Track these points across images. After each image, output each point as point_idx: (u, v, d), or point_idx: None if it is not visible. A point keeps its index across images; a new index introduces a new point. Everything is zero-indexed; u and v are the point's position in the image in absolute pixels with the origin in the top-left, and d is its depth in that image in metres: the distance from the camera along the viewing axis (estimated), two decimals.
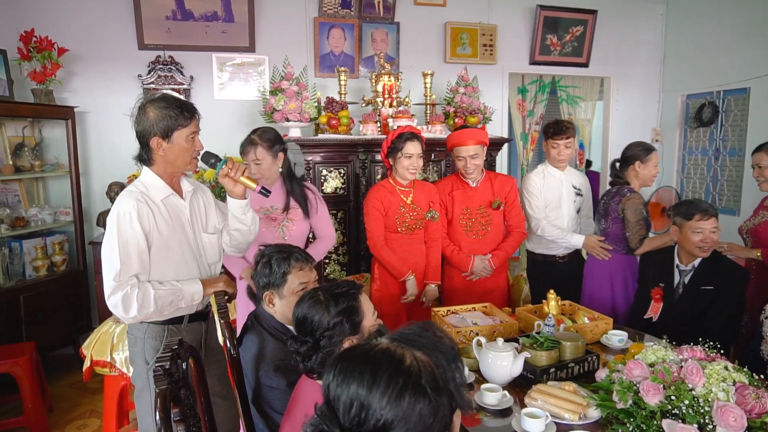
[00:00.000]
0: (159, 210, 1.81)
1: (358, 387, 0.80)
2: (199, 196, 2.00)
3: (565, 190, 3.05)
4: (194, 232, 1.92)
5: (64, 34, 3.79)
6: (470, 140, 2.76)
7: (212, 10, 4.12)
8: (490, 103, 4.32)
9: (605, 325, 2.22)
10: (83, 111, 3.95)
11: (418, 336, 0.88)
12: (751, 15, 4.49)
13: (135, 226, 1.73)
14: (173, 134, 1.79)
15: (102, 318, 3.56)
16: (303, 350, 1.41)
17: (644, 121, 5.51)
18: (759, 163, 2.76)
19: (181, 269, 1.86)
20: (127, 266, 1.71)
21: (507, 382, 1.79)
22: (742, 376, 1.44)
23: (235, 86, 4.32)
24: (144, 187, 1.83)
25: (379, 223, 2.72)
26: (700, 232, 2.33)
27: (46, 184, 3.96)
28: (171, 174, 1.88)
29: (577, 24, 5.02)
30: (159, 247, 1.80)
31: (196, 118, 1.85)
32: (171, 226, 1.83)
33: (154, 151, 1.82)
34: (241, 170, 1.88)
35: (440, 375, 0.83)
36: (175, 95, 1.88)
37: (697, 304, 2.34)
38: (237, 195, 1.92)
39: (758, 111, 4.49)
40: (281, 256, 1.81)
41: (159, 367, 1.29)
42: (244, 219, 1.97)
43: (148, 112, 1.79)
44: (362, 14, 4.49)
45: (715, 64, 4.85)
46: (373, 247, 2.75)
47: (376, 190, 2.78)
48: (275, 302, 1.80)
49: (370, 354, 0.85)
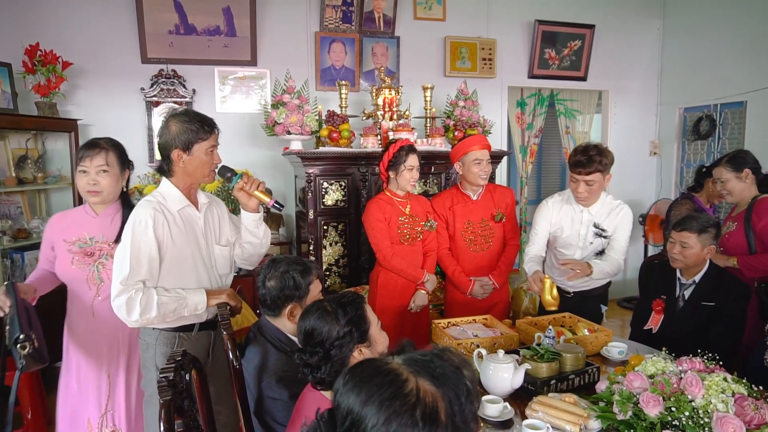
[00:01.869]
0: (174, 220, 1.88)
1: (355, 400, 0.81)
2: (213, 209, 2.07)
3: (584, 229, 2.62)
4: (207, 243, 1.99)
5: (69, 48, 3.83)
6: (480, 145, 2.77)
7: (215, 24, 4.18)
8: (490, 117, 4.36)
9: (605, 337, 2.23)
10: (86, 124, 3.98)
11: (432, 363, 0.86)
12: (747, 30, 4.55)
13: (149, 234, 1.79)
14: (193, 147, 1.87)
15: None
16: (313, 361, 1.42)
17: (642, 134, 5.56)
18: (719, 178, 2.79)
19: (192, 278, 1.92)
20: (135, 271, 1.77)
21: (508, 394, 1.80)
22: (741, 387, 1.45)
23: (236, 99, 4.37)
24: (162, 198, 1.90)
25: (385, 234, 2.74)
26: (673, 243, 2.37)
27: (49, 196, 3.98)
28: (189, 186, 1.95)
29: (574, 38, 5.09)
30: (172, 256, 1.86)
31: (216, 132, 1.94)
32: (185, 236, 1.90)
33: (174, 162, 1.89)
34: (255, 185, 1.96)
35: (444, 408, 0.81)
36: (196, 111, 1.96)
37: (697, 318, 2.34)
38: (251, 209, 2.00)
39: (755, 124, 4.54)
40: (299, 268, 1.82)
41: (163, 377, 1.30)
42: (256, 232, 2.05)
43: (170, 126, 1.87)
44: (363, 29, 4.55)
45: (712, 77, 4.91)
46: (383, 259, 2.75)
47: (375, 203, 2.79)
48: (296, 314, 1.77)
49: (378, 370, 0.84)
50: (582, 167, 2.44)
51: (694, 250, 2.32)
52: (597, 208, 2.61)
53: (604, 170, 2.46)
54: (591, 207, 2.60)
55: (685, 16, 5.22)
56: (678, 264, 2.38)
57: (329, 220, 3.68)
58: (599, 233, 2.61)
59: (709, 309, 2.31)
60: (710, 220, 2.39)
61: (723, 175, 2.76)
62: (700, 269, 2.38)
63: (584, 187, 2.49)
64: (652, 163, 5.63)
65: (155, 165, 4.15)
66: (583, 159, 2.44)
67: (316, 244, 3.65)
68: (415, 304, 2.81)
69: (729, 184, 2.75)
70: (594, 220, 2.60)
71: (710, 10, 4.92)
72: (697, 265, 2.37)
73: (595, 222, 2.60)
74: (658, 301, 2.46)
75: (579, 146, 2.55)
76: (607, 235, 2.60)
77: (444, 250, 2.92)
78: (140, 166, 4.11)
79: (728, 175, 2.74)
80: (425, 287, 2.82)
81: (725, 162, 2.76)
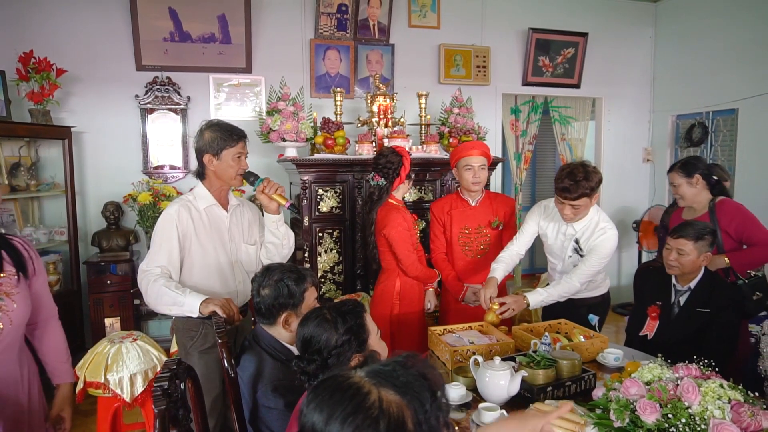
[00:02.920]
0: (200, 216, 2.14)
1: (319, 418, 0.80)
2: (244, 211, 2.30)
3: (566, 242, 2.58)
4: (232, 240, 2.20)
5: (63, 55, 3.83)
6: (478, 150, 2.78)
7: (210, 32, 4.18)
8: (484, 124, 4.38)
9: (601, 344, 2.23)
10: (80, 131, 3.97)
11: (395, 372, 0.85)
12: (738, 38, 4.60)
13: (172, 226, 2.06)
14: (222, 152, 2.11)
15: (96, 338, 3.53)
16: (311, 369, 1.41)
17: (636, 140, 5.60)
18: (673, 182, 2.88)
19: (215, 271, 2.15)
20: (156, 257, 2.04)
21: (505, 401, 1.79)
22: (737, 393, 1.45)
23: (231, 107, 4.36)
24: (193, 197, 2.17)
25: (410, 243, 2.76)
26: (669, 250, 2.38)
27: (42, 204, 3.96)
28: (219, 188, 2.19)
29: (568, 46, 5.12)
30: (197, 249, 2.11)
31: (244, 141, 2.16)
32: (209, 232, 2.14)
33: (206, 166, 2.15)
34: (274, 188, 2.14)
35: (410, 416, 0.81)
36: (227, 122, 2.18)
37: (693, 325, 2.34)
38: (272, 210, 2.21)
39: (746, 131, 4.58)
40: (293, 276, 1.81)
41: (158, 387, 1.29)
42: (276, 233, 2.26)
43: (204, 134, 2.12)
44: (357, 36, 4.56)
45: (704, 85, 4.95)
46: (412, 266, 2.74)
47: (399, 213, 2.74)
48: (291, 321, 1.78)
49: (340, 385, 0.83)
50: (568, 193, 2.36)
51: (690, 257, 2.32)
52: (582, 225, 2.51)
53: (591, 194, 2.38)
54: (577, 223, 2.52)
55: (677, 24, 5.28)
56: (674, 271, 2.39)
57: (324, 226, 3.67)
58: (577, 250, 2.55)
59: (705, 315, 2.32)
60: (707, 228, 2.40)
61: (675, 180, 2.85)
62: (695, 276, 2.39)
63: (570, 210, 2.42)
64: (646, 169, 5.67)
65: (148, 172, 4.14)
66: (569, 185, 2.35)
67: (311, 251, 3.64)
68: (432, 303, 2.90)
69: (681, 189, 2.84)
70: (576, 236, 2.54)
71: (702, 19, 4.97)
72: (693, 272, 2.38)
73: (577, 238, 2.54)
74: (654, 308, 2.47)
75: (565, 168, 2.42)
76: (583, 254, 2.52)
77: (440, 255, 2.93)
78: (135, 174, 4.10)
79: (680, 180, 2.83)
80: (433, 285, 2.90)
81: (678, 168, 2.85)
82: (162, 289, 1.97)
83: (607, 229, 2.46)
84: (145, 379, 2.62)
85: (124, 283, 3.83)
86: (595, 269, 2.44)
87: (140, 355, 2.67)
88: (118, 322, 3.82)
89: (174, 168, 4.26)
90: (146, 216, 3.92)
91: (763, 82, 4.39)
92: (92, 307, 3.79)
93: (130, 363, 2.62)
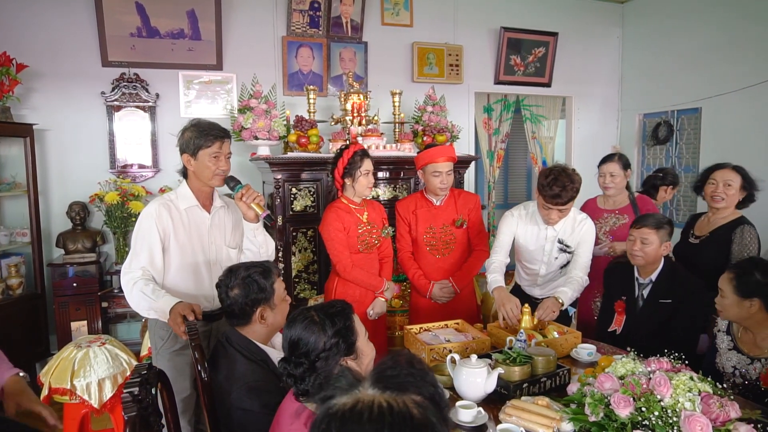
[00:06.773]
0: (180, 216, 2.12)
1: None
2: (228, 213, 2.27)
3: (549, 245, 2.63)
4: (212, 243, 2.18)
5: (24, 50, 3.69)
6: (444, 157, 2.74)
7: (179, 27, 4.09)
8: (457, 122, 4.40)
9: (574, 339, 2.26)
10: (43, 128, 3.84)
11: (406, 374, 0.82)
12: (701, 39, 4.74)
13: (152, 225, 2.04)
14: (198, 152, 2.09)
15: (61, 343, 3.42)
16: (298, 372, 1.36)
17: (604, 138, 5.70)
18: (611, 172, 2.97)
19: (191, 273, 2.13)
20: (137, 257, 2.03)
21: (481, 399, 1.80)
22: (706, 386, 1.48)
23: (201, 104, 4.28)
24: (175, 196, 2.16)
25: (344, 244, 2.67)
26: (633, 240, 2.44)
27: (2, 204, 3.81)
28: (199, 188, 2.17)
29: (539, 45, 5.19)
30: (174, 249, 2.09)
31: (221, 141, 2.11)
32: (188, 232, 2.12)
33: (186, 165, 2.14)
34: (252, 197, 2.11)
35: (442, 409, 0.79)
36: (210, 121, 2.14)
37: (657, 317, 2.39)
38: (249, 218, 2.16)
39: (709, 129, 4.72)
40: (259, 270, 1.80)
41: (128, 393, 1.25)
42: (254, 240, 2.22)
43: (185, 134, 2.12)
44: (330, 33, 4.53)
45: (669, 84, 5.08)
46: (343, 270, 2.67)
47: (333, 212, 2.68)
48: (267, 315, 1.79)
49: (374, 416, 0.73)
50: (559, 198, 2.41)
51: (653, 246, 2.39)
52: (561, 224, 2.58)
53: (576, 195, 2.46)
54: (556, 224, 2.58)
55: (644, 25, 5.41)
56: (638, 261, 2.43)
57: (298, 226, 3.64)
58: (564, 249, 2.61)
59: (668, 306, 2.37)
60: (665, 218, 2.49)
61: (615, 170, 2.96)
62: (656, 267, 2.44)
63: (557, 214, 2.49)
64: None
65: (116, 171, 4.03)
66: (558, 191, 2.40)
67: (285, 251, 3.60)
68: (374, 312, 2.75)
69: (617, 179, 2.96)
70: (558, 236, 2.60)
71: (667, 20, 5.10)
72: (654, 263, 2.43)
73: (560, 238, 2.60)
74: (620, 303, 2.51)
75: (548, 175, 2.45)
76: (571, 250, 2.60)
77: (406, 254, 2.90)
78: (101, 173, 3.98)
79: (620, 171, 2.96)
80: (384, 295, 2.76)
81: (617, 159, 3.00)
82: (139, 293, 1.96)
83: (585, 218, 2.64)
84: (114, 384, 2.55)
85: (90, 285, 3.72)
86: (590, 258, 2.62)
87: (109, 359, 2.60)
88: (85, 325, 3.71)
89: (143, 167, 4.15)
90: (114, 216, 3.81)
91: (725, 82, 4.53)
92: (57, 311, 3.66)
93: (98, 368, 2.54)
